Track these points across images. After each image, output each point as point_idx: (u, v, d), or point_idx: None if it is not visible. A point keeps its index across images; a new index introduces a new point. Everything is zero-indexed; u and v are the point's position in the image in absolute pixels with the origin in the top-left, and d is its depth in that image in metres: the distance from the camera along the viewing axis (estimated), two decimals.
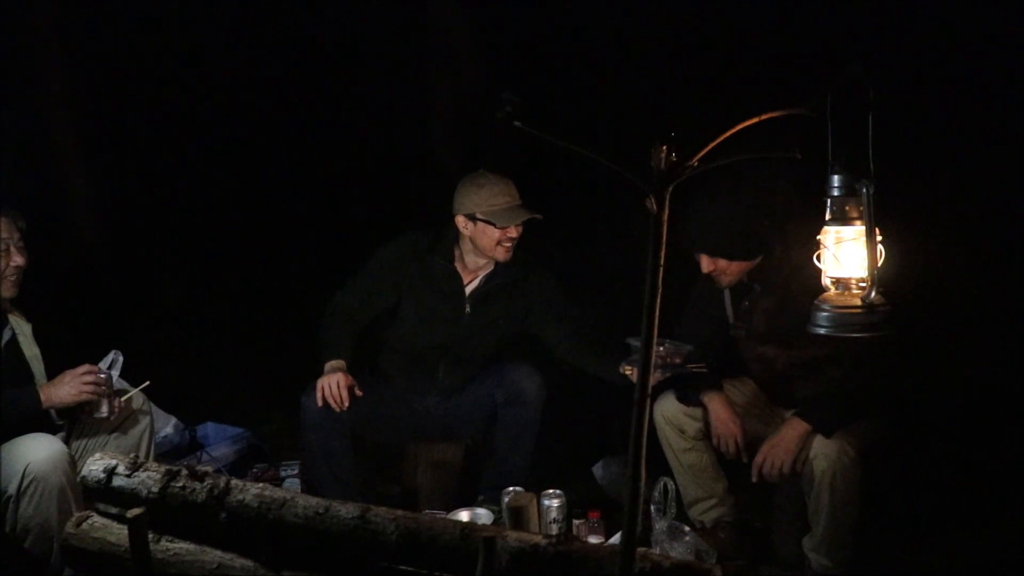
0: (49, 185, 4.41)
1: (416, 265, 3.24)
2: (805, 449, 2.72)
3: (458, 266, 3.25)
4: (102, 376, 2.79)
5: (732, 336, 3.01)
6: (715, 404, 2.92)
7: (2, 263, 2.75)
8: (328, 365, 3.10)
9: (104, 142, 4.57)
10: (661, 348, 2.86)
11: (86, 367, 2.78)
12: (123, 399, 2.86)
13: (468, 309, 3.24)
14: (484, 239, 3.14)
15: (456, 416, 3.32)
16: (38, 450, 2.63)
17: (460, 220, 3.16)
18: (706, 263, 2.84)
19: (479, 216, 3.11)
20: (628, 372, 2.86)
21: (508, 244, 3.15)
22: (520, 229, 3.15)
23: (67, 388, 2.74)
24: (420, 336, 3.27)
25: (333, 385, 3.02)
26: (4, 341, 2.81)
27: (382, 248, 3.31)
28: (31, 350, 2.87)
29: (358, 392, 3.06)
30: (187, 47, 4.68)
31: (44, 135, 4.40)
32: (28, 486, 2.58)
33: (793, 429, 2.73)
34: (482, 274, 3.27)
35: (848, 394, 2.77)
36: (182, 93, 4.77)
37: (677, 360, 2.88)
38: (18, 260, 2.77)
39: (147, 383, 2.95)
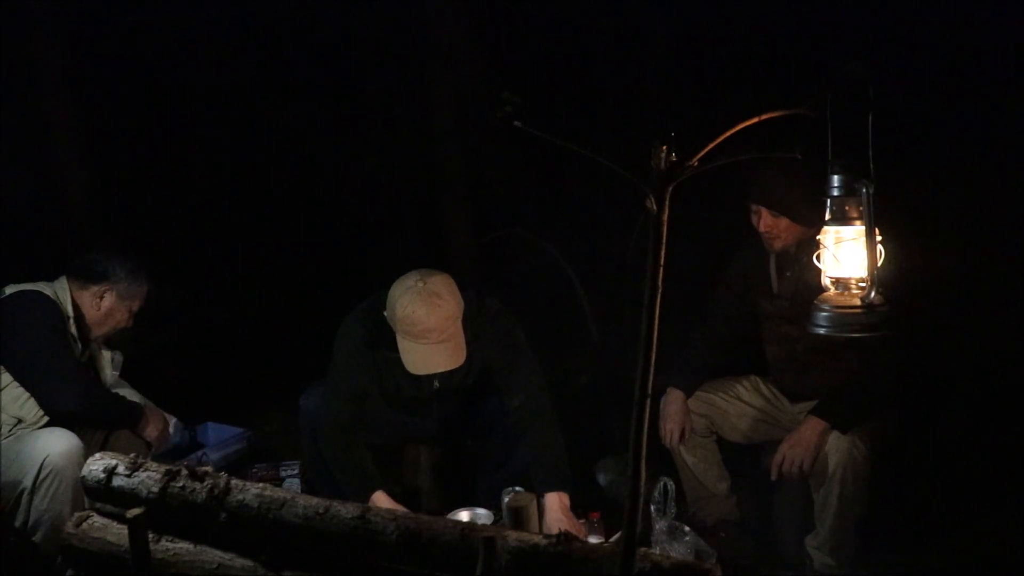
0: (47, 186, 4.41)
1: (372, 356, 2.95)
2: (822, 447, 2.72)
3: None
4: (173, 434, 3.23)
5: (764, 312, 2.99)
6: (671, 397, 3.02)
7: (122, 322, 3.07)
8: (372, 500, 2.81)
9: (103, 143, 4.57)
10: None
11: (174, 422, 3.21)
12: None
13: (436, 383, 3.03)
14: None
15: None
16: (55, 443, 2.65)
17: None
18: (766, 220, 2.81)
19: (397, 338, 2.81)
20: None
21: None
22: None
23: (152, 427, 3.05)
24: (396, 420, 3.17)
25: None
26: (84, 359, 3.03)
27: (338, 344, 2.99)
28: (105, 370, 3.14)
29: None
30: (188, 48, 4.69)
31: (41, 136, 4.40)
32: (45, 479, 2.60)
33: (811, 427, 2.73)
34: None
35: (862, 389, 2.77)
36: (182, 95, 4.78)
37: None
38: (128, 324, 3.11)
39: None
